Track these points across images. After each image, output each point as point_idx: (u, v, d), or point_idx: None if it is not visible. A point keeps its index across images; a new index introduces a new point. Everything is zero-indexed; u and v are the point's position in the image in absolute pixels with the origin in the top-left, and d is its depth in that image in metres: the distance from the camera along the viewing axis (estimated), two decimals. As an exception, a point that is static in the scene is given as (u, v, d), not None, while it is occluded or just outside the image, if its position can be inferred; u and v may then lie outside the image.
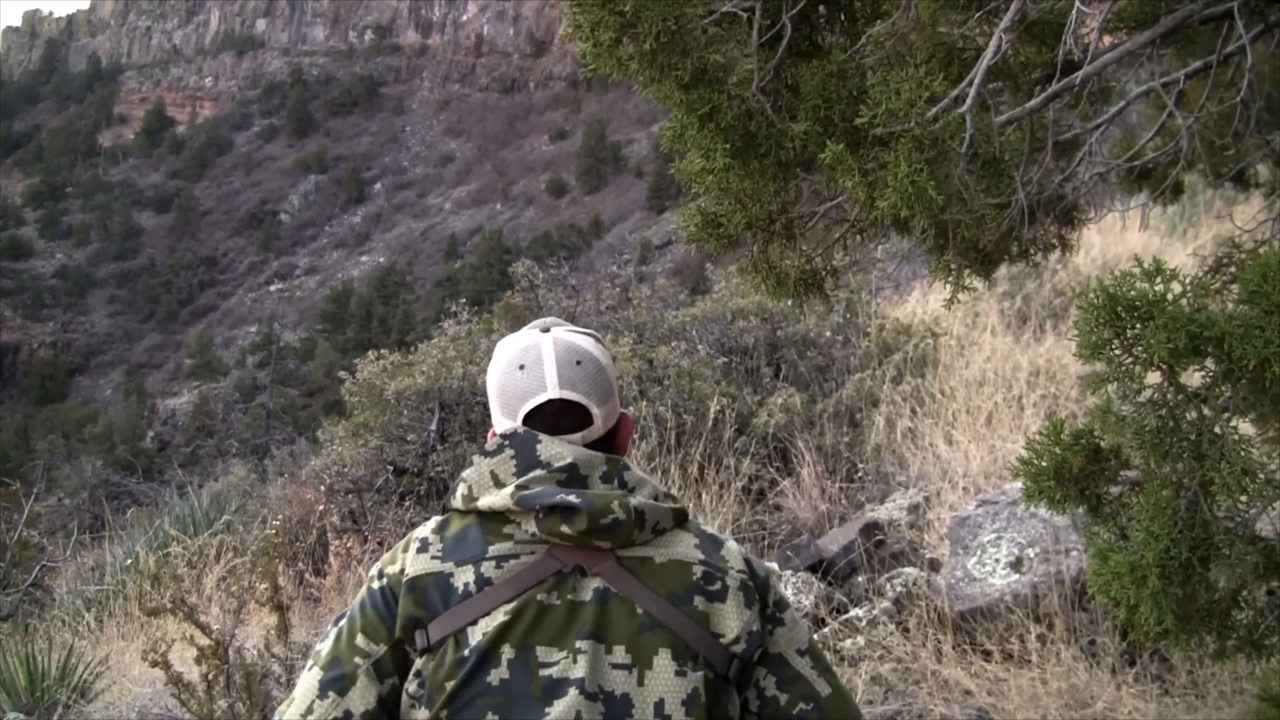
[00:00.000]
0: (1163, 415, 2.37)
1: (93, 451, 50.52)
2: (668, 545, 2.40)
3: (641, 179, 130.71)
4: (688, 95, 2.79)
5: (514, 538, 2.34)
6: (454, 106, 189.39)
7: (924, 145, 2.55)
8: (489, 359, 2.61)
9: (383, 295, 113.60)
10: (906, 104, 2.53)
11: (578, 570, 2.33)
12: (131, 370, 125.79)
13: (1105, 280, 2.34)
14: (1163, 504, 2.46)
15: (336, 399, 49.88)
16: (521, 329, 2.63)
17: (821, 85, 2.76)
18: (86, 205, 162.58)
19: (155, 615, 5.85)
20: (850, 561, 6.83)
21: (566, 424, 2.45)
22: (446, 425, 10.41)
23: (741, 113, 2.87)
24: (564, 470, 2.36)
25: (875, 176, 2.60)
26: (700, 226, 3.34)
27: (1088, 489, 2.72)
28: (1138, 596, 2.50)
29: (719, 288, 11.75)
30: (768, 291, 3.51)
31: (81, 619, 9.53)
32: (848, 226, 3.44)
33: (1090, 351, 2.36)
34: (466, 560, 2.34)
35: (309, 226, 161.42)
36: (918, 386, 9.45)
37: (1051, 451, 2.72)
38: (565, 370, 2.46)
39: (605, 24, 2.58)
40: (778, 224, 3.32)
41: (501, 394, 2.50)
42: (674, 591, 2.35)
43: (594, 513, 2.28)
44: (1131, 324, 2.31)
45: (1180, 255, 14.13)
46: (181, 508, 12.46)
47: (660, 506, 2.39)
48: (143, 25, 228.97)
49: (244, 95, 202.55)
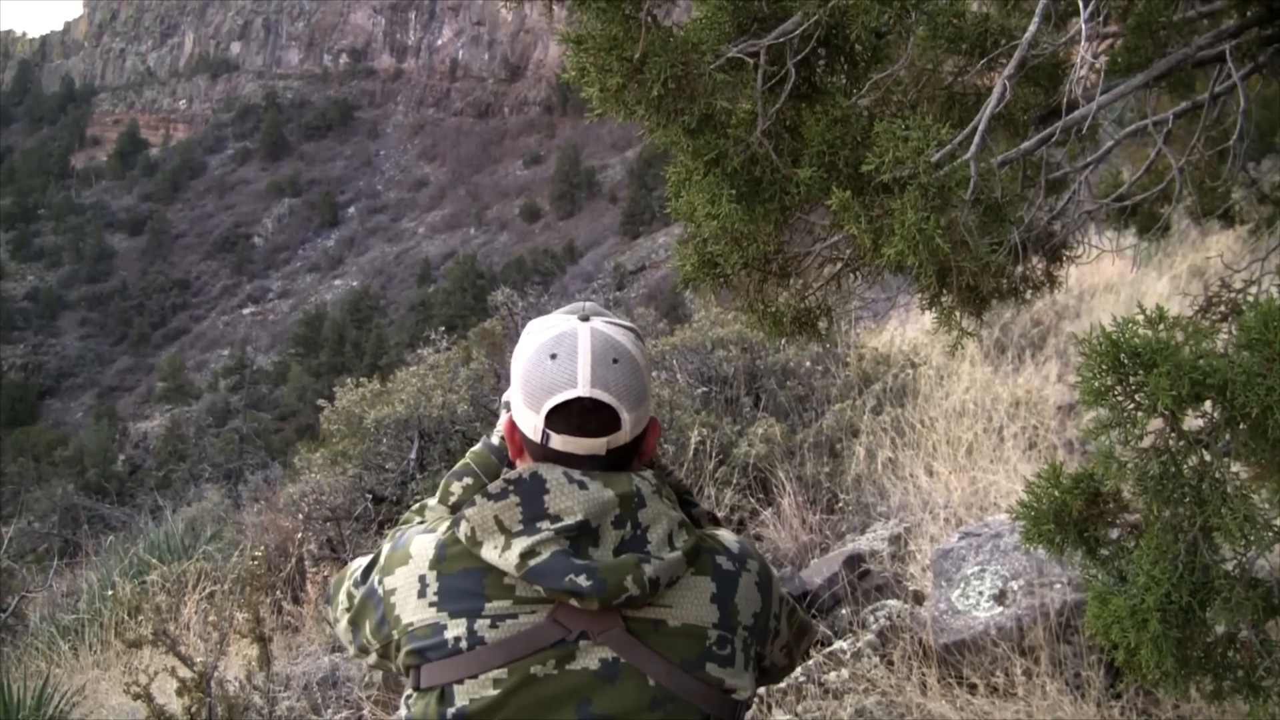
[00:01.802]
0: (1164, 461, 2.38)
1: (63, 475, 50.23)
2: (682, 601, 2.29)
3: (616, 204, 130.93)
4: (694, 141, 2.78)
5: (514, 593, 2.24)
6: (428, 131, 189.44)
7: (930, 192, 2.56)
8: (513, 350, 2.45)
9: (356, 319, 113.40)
10: (914, 151, 2.53)
11: (582, 636, 2.23)
12: (103, 393, 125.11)
13: (1108, 326, 2.36)
14: (1164, 548, 2.47)
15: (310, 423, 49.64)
16: (557, 311, 2.47)
17: (825, 130, 2.77)
18: (59, 227, 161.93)
19: (137, 647, 5.81)
20: (834, 594, 6.83)
21: (593, 426, 2.29)
22: (425, 454, 10.39)
23: (746, 158, 2.87)
24: (574, 529, 2.23)
25: (881, 223, 2.61)
26: (697, 266, 3.34)
27: (1086, 532, 2.73)
28: (1138, 640, 2.51)
29: (698, 317, 11.74)
30: (764, 331, 3.51)
31: (56, 647, 9.45)
32: (842, 265, 3.45)
33: (1093, 398, 2.37)
34: (461, 613, 2.25)
35: (282, 250, 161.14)
36: (897, 417, 9.46)
37: (1051, 494, 2.72)
38: (600, 368, 2.28)
39: (612, 69, 2.57)
40: (774, 264, 3.33)
41: (527, 382, 2.33)
42: (687, 659, 2.26)
43: (605, 596, 2.18)
44: (1134, 370, 2.32)
45: (1157, 286, 14.22)
46: (156, 534, 12.38)
47: (675, 559, 2.27)
48: (117, 47, 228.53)
49: (218, 118, 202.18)
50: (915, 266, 2.60)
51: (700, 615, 2.30)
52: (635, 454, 2.41)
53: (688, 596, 2.30)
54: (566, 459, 2.31)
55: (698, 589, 2.32)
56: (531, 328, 2.43)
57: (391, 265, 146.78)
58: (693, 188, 2.96)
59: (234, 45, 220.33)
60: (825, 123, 2.77)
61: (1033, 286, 4.06)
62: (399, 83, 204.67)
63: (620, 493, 2.27)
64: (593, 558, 2.23)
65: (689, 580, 2.31)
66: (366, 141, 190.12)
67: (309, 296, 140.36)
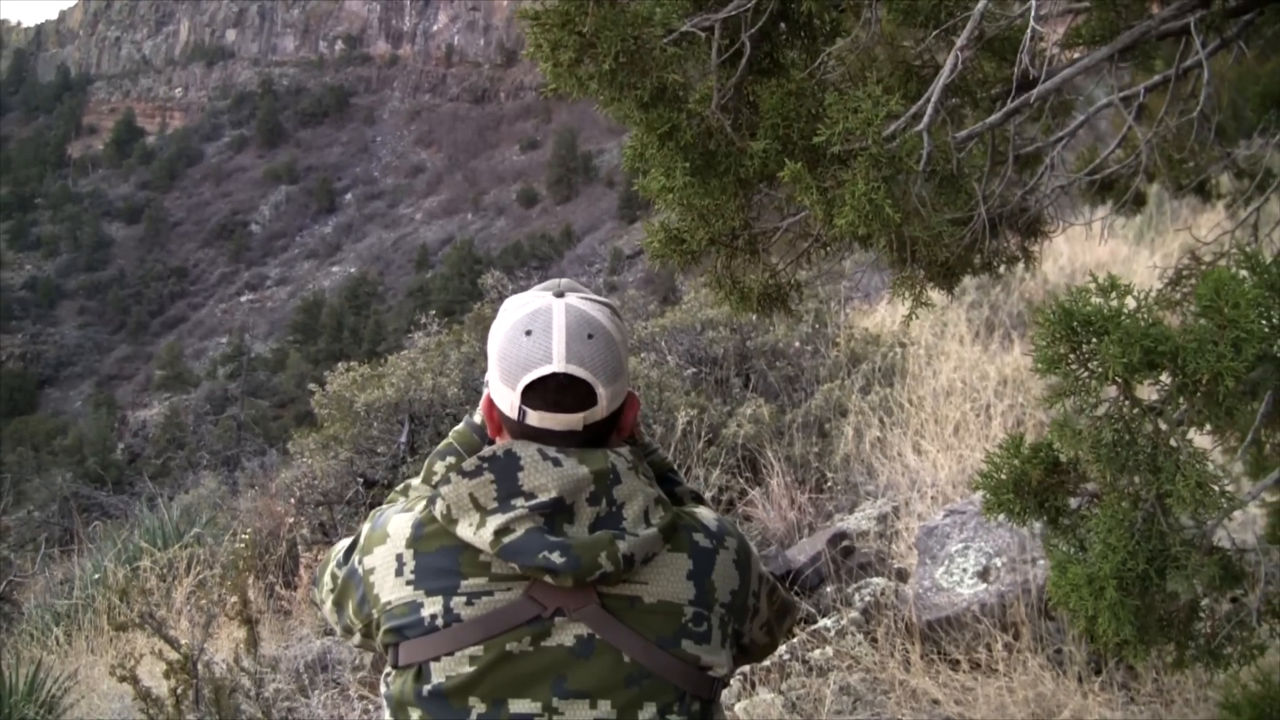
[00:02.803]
0: (1119, 429, 2.39)
1: (62, 464, 50.21)
2: (658, 578, 2.29)
3: (612, 189, 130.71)
4: (647, 114, 2.78)
5: (490, 570, 2.24)
6: (424, 117, 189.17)
7: (881, 163, 2.56)
8: (491, 326, 2.43)
9: (354, 306, 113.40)
10: (864, 122, 2.54)
11: (557, 612, 2.23)
12: (101, 382, 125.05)
13: (1061, 295, 2.37)
14: (1120, 516, 2.48)
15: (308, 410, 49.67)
16: (533, 288, 2.47)
17: (780, 104, 2.77)
18: (56, 216, 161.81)
19: (124, 630, 5.82)
20: (818, 571, 6.85)
21: (568, 401, 2.28)
22: (416, 437, 10.40)
23: (701, 131, 2.88)
24: (548, 505, 2.23)
25: (833, 194, 2.61)
26: (664, 243, 3.35)
27: (1047, 501, 2.74)
28: (1096, 608, 2.52)
29: (688, 299, 11.75)
30: (731, 306, 3.51)
31: (50, 633, 9.46)
32: (811, 241, 3.46)
33: (1047, 365, 2.38)
34: (437, 590, 2.26)
35: (280, 237, 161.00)
36: (886, 396, 9.48)
37: (1011, 464, 2.73)
38: (574, 343, 2.27)
39: (565, 44, 2.57)
40: (740, 240, 3.33)
41: (503, 359, 2.32)
42: (663, 635, 2.27)
43: (580, 573, 2.18)
44: (1087, 338, 2.33)
45: (1146, 264, 14.21)
46: (151, 520, 12.39)
47: (650, 535, 2.27)
48: (112, 35, 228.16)
49: (214, 106, 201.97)
50: (868, 237, 2.61)
51: (676, 592, 2.30)
52: (613, 429, 2.41)
53: (664, 573, 2.30)
54: (543, 435, 2.31)
55: (674, 566, 2.32)
56: (507, 305, 2.42)
57: (389, 251, 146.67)
58: (648, 161, 2.97)
59: (229, 33, 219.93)
60: (779, 95, 2.78)
61: (1006, 261, 4.07)
62: (395, 69, 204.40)
63: (595, 469, 2.28)
64: (567, 534, 2.23)
65: (665, 557, 2.32)
66: (363, 128, 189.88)
67: (307, 283, 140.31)
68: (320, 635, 7.97)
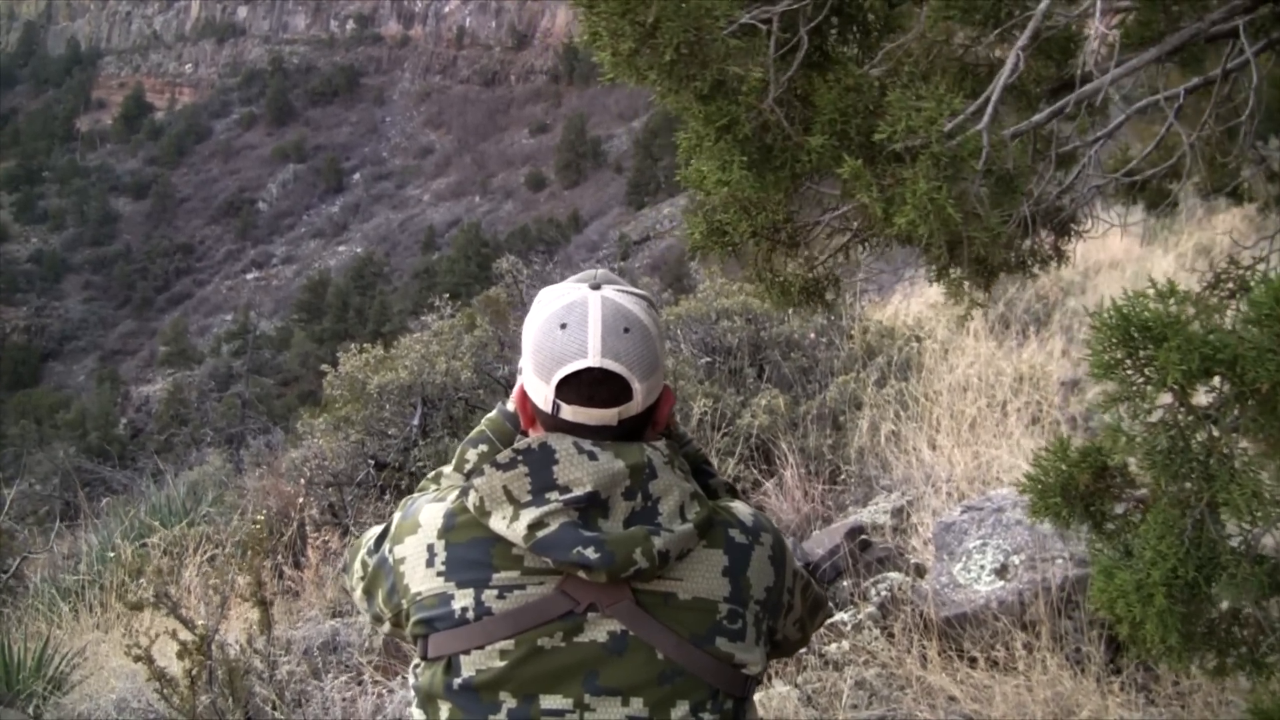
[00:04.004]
0: (1173, 436, 2.37)
1: (65, 438, 50.29)
2: (693, 574, 2.28)
3: (621, 174, 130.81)
4: (706, 107, 2.76)
5: (523, 563, 2.23)
6: (434, 98, 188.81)
7: (942, 162, 2.54)
8: (527, 312, 2.43)
9: (360, 286, 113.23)
10: (926, 121, 2.52)
11: (590, 608, 2.22)
12: (105, 357, 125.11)
13: (1119, 300, 2.35)
14: (1170, 523, 2.47)
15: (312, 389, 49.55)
16: (568, 279, 2.46)
17: (838, 99, 2.75)
18: (63, 190, 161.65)
19: (139, 609, 5.80)
20: (835, 565, 6.84)
21: (603, 395, 2.27)
22: (429, 420, 10.39)
23: (758, 125, 2.86)
24: (583, 500, 2.22)
25: (893, 193, 2.59)
26: (705, 234, 3.32)
27: (1092, 506, 2.72)
28: (1143, 615, 2.50)
29: (703, 287, 11.72)
30: (771, 301, 3.50)
31: (56, 608, 9.45)
32: (850, 235, 3.44)
33: (1102, 371, 2.36)
34: (468, 582, 2.25)
35: (287, 216, 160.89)
36: (901, 390, 9.46)
37: (1057, 468, 2.72)
38: (610, 337, 2.26)
39: (624, 34, 2.55)
40: (783, 233, 3.31)
41: (537, 351, 2.31)
42: (696, 633, 2.25)
43: (614, 569, 2.17)
44: (1144, 344, 2.31)
45: (1163, 263, 14.20)
46: (158, 497, 12.39)
47: (686, 531, 2.25)
48: (123, 10, 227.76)
49: (223, 83, 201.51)
50: (926, 237, 2.59)
51: (711, 589, 2.29)
52: (648, 424, 2.39)
53: (699, 569, 2.29)
54: (577, 429, 2.30)
55: (709, 562, 2.31)
56: (542, 296, 2.41)
57: (396, 232, 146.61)
58: (703, 154, 2.94)
59: (240, 10, 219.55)
60: (838, 91, 2.76)
61: (1040, 261, 4.05)
62: (405, 49, 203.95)
63: (631, 464, 2.26)
64: (602, 529, 2.22)
65: (700, 553, 2.30)
66: (372, 108, 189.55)
67: (313, 262, 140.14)
68: (329, 616, 7.97)
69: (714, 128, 2.81)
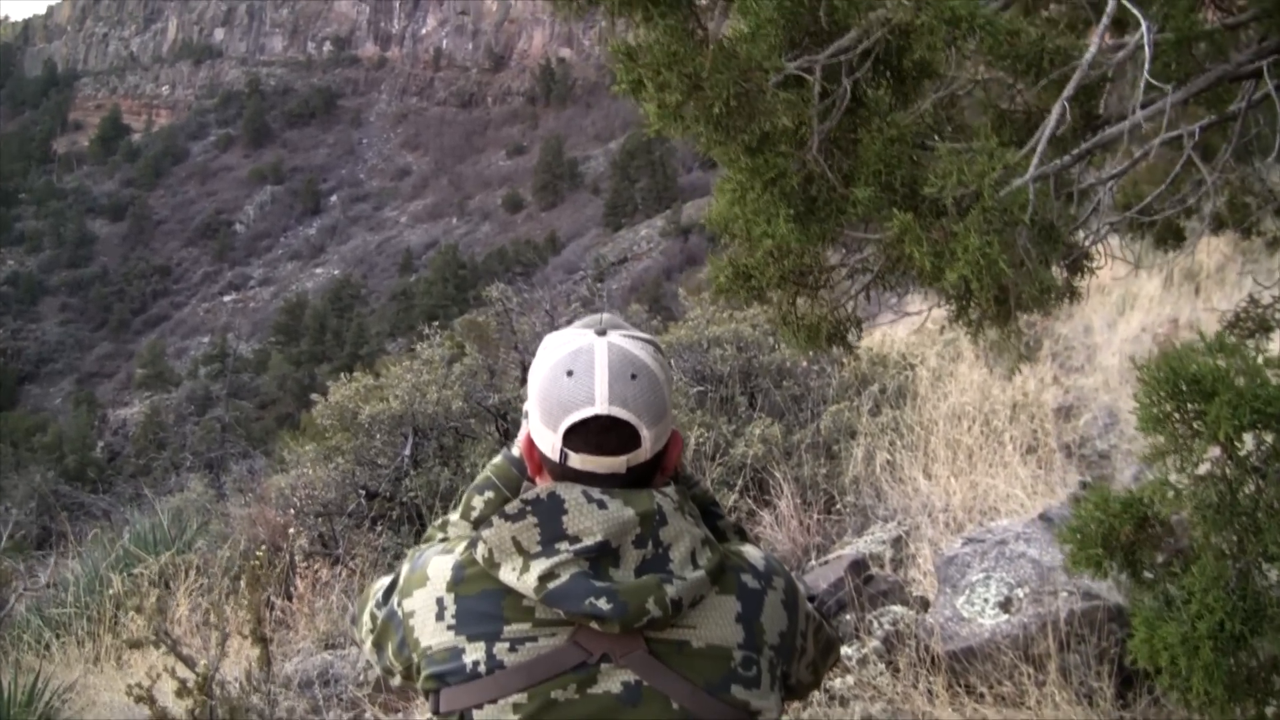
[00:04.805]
0: (1221, 490, 2.36)
1: (41, 461, 50.08)
2: (706, 621, 2.24)
3: (598, 196, 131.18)
4: (753, 160, 2.74)
5: (534, 615, 2.20)
6: (411, 120, 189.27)
7: (992, 216, 2.52)
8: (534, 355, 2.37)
9: (337, 308, 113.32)
10: (978, 175, 2.50)
11: (604, 658, 2.19)
12: (82, 379, 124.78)
13: (1168, 353, 2.34)
14: (1216, 575, 2.45)
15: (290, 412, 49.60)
16: (574, 324, 2.41)
17: (882, 150, 2.73)
18: (40, 212, 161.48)
19: (137, 648, 5.75)
20: (839, 599, 6.81)
21: (612, 443, 2.23)
22: (420, 450, 10.36)
23: (804, 177, 2.83)
24: (594, 549, 2.18)
25: (942, 247, 2.57)
26: (731, 279, 3.30)
27: (1132, 555, 2.70)
28: (1189, 668, 2.49)
29: (694, 315, 11.69)
30: (797, 345, 3.47)
31: (42, 639, 9.35)
32: (871, 277, 3.42)
33: (1151, 425, 2.34)
34: (479, 636, 2.21)
35: (264, 237, 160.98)
36: (895, 418, 9.44)
37: (1097, 518, 2.69)
38: (618, 384, 2.22)
39: (671, 86, 2.52)
40: (810, 278, 3.30)
41: (544, 399, 2.26)
42: (711, 681, 2.22)
43: (627, 619, 2.13)
44: (1193, 398, 2.29)
45: (1148, 287, 14.23)
46: (142, 525, 12.28)
47: (698, 578, 2.22)
48: (100, 32, 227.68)
49: (200, 104, 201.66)
50: (977, 291, 2.57)
51: (725, 636, 2.26)
52: (657, 470, 2.35)
53: (712, 616, 2.26)
54: (586, 478, 2.26)
55: (722, 609, 2.27)
56: (548, 343, 2.37)
57: (373, 254, 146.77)
58: (747, 206, 2.91)
59: (218, 31, 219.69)
60: (881, 141, 2.74)
61: (1055, 297, 4.04)
62: (383, 71, 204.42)
63: (641, 511, 2.22)
64: (613, 579, 2.18)
65: (713, 600, 2.27)
66: (349, 130, 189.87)
67: (290, 284, 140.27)
68: (321, 648, 7.91)
69: (761, 180, 2.79)
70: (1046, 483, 8.18)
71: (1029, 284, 2.62)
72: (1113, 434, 9.33)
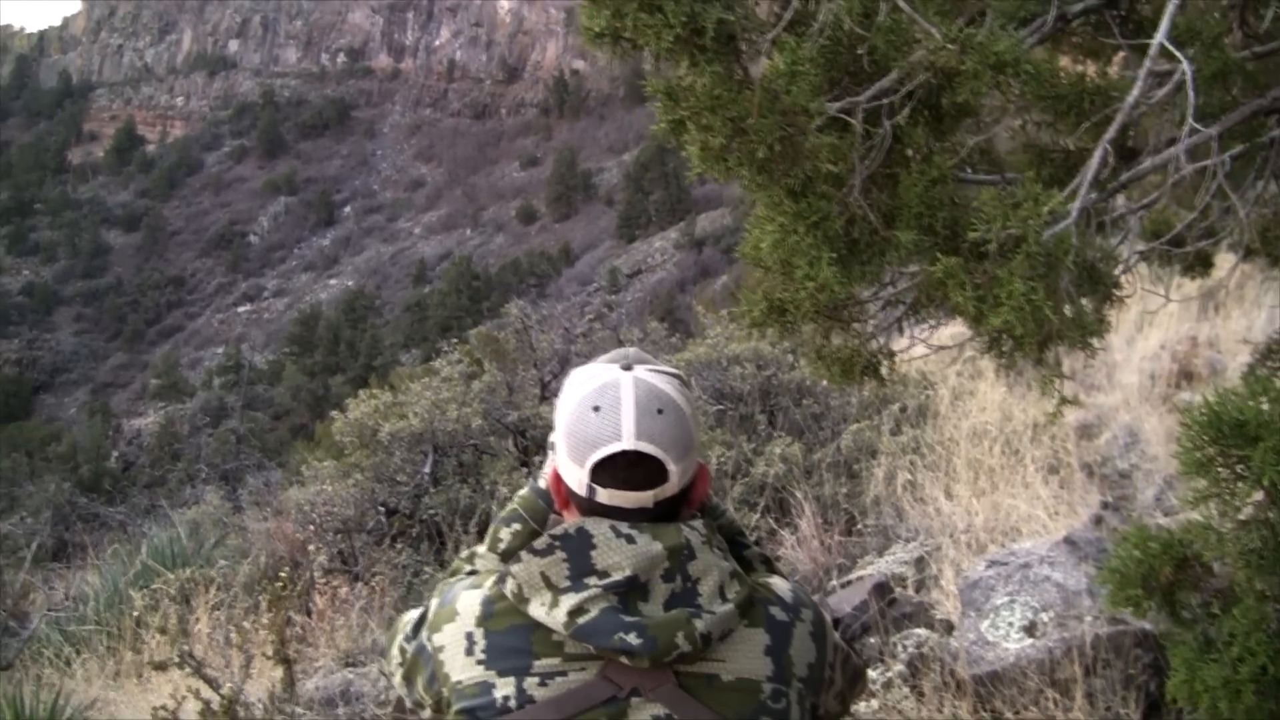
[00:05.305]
0: (1265, 535, 2.35)
1: (56, 470, 50.10)
2: (735, 654, 2.25)
3: (612, 207, 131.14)
4: (797, 204, 2.74)
5: (564, 650, 2.20)
6: (425, 131, 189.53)
7: (1037, 261, 2.52)
8: (561, 393, 2.40)
9: (351, 319, 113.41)
10: (1022, 221, 2.50)
11: (633, 693, 2.19)
12: (97, 389, 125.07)
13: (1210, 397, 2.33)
14: (1259, 619, 2.45)
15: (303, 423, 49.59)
16: (598, 359, 2.43)
17: (924, 192, 2.73)
18: (54, 222, 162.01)
19: (162, 669, 5.77)
20: (863, 622, 6.80)
21: (639, 479, 2.24)
22: (439, 468, 10.36)
23: (846, 220, 2.83)
24: (623, 584, 2.19)
25: (985, 292, 2.57)
26: (764, 313, 3.29)
27: (1172, 596, 2.70)
28: (1231, 710, 2.48)
29: (713, 333, 11.68)
30: (830, 378, 3.48)
31: (62, 655, 9.36)
32: (904, 309, 3.42)
33: (1194, 469, 2.34)
34: (509, 671, 2.22)
35: (278, 248, 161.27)
36: (916, 437, 9.42)
37: (1134, 557, 2.69)
38: (644, 419, 2.23)
39: (715, 129, 2.53)
40: (845, 312, 3.29)
41: (570, 435, 2.28)
42: (741, 714, 2.22)
43: (657, 653, 2.14)
44: (1236, 443, 2.29)
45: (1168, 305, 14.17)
46: (160, 538, 12.28)
47: (727, 612, 2.22)
48: (115, 43, 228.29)
49: (215, 115, 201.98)
50: (1021, 336, 2.57)
51: (754, 669, 2.26)
52: (684, 503, 2.36)
53: (741, 649, 2.26)
54: (613, 512, 2.27)
55: (751, 641, 2.28)
56: (574, 378, 2.39)
57: (387, 265, 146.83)
58: (788, 248, 2.90)
59: (232, 43, 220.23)
60: (923, 183, 2.74)
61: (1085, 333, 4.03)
62: (396, 83, 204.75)
63: (669, 545, 2.23)
64: (642, 613, 2.19)
65: (742, 632, 2.27)
66: (363, 141, 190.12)
67: (304, 295, 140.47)
68: (341, 666, 7.91)
69: (804, 223, 2.78)
70: (1068, 503, 8.16)
71: (1072, 329, 2.62)
72: (1134, 453, 9.30)
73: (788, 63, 2.62)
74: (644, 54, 2.61)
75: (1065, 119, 2.92)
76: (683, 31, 2.39)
